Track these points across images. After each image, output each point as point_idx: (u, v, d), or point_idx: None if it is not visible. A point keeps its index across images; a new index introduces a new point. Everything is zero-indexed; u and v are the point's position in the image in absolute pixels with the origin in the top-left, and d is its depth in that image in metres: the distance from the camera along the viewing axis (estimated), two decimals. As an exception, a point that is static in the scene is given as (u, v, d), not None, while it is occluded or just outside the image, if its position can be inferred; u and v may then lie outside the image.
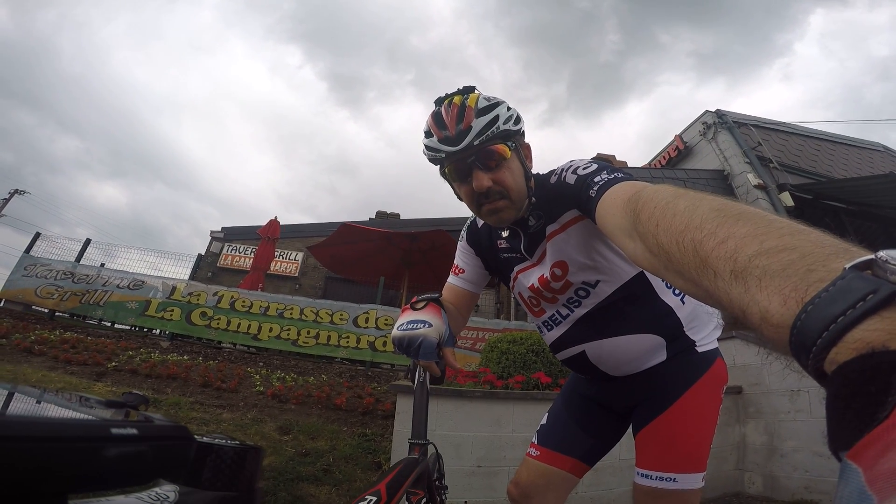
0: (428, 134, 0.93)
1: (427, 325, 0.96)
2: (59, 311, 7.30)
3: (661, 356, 1.02)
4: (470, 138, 0.88)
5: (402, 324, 0.99)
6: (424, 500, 0.91)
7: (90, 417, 0.34)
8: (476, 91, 0.94)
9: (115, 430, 0.32)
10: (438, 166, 0.98)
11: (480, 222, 1.18)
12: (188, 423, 3.59)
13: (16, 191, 19.80)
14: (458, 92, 0.93)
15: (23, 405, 0.32)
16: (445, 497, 1.42)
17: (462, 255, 1.22)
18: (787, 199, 7.25)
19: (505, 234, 1.06)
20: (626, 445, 1.10)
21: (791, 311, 0.27)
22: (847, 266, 0.26)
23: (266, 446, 3.28)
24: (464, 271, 1.21)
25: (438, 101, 0.94)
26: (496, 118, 0.89)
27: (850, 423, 0.21)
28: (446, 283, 1.23)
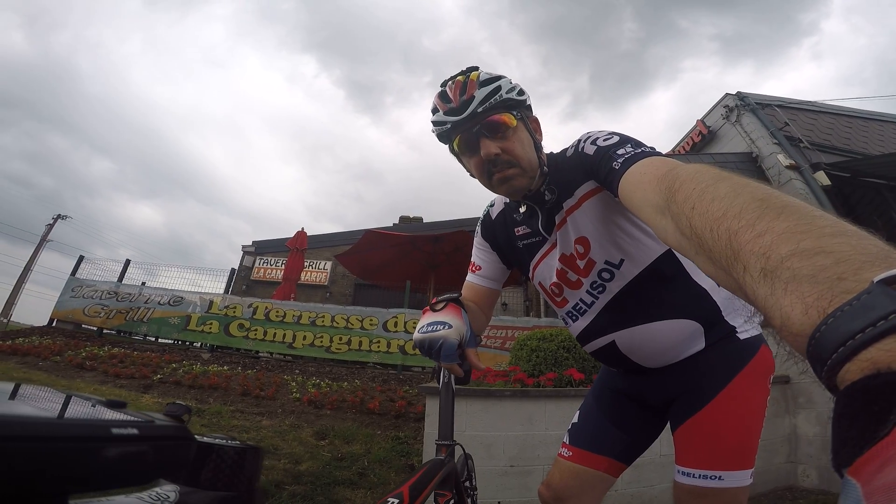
0: (434, 111, 0.96)
1: (447, 327, 0.94)
2: (107, 329, 7.73)
3: (700, 344, 0.96)
4: (473, 106, 0.89)
5: (423, 326, 0.97)
6: (452, 501, 0.89)
7: (90, 417, 0.35)
8: (479, 69, 0.95)
9: (115, 430, 0.32)
10: (448, 144, 0.98)
11: (494, 214, 1.16)
12: (230, 431, 3.71)
13: (59, 216, 20.78)
14: (461, 72, 0.95)
15: (23, 405, 0.33)
16: (476, 498, 1.40)
17: (478, 251, 1.20)
18: (822, 178, 6.89)
19: (522, 208, 1.03)
20: (666, 440, 1.04)
21: (812, 321, 0.27)
22: (875, 280, 0.25)
23: (304, 452, 3.35)
24: (481, 268, 1.18)
25: (443, 83, 0.96)
26: (498, 88, 0.91)
27: (852, 440, 0.21)
28: (465, 282, 1.20)
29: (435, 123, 0.96)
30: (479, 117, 0.90)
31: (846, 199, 7.18)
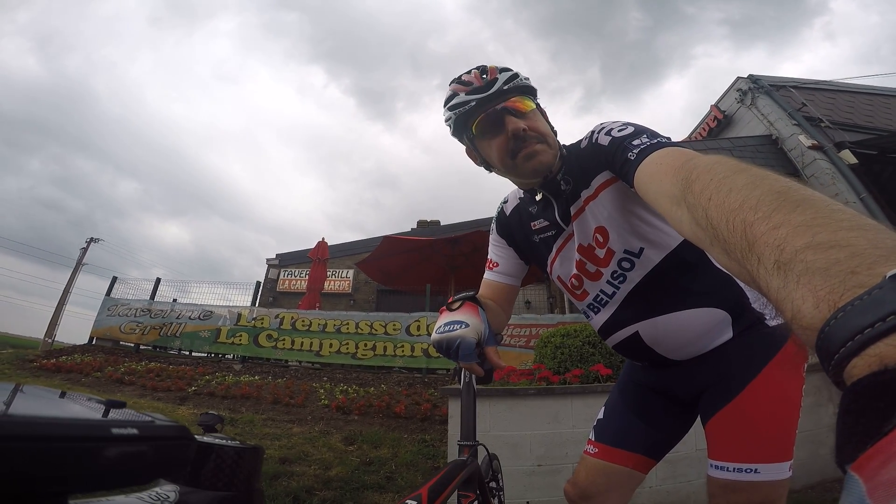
0: (451, 98, 0.96)
1: (464, 326, 0.93)
2: (143, 345, 8.05)
3: (727, 334, 0.93)
4: (499, 84, 0.91)
5: (440, 326, 0.96)
6: (476, 502, 0.88)
7: (90, 417, 0.35)
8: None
9: (115, 430, 0.33)
10: (465, 133, 0.98)
11: (509, 210, 1.14)
12: (262, 439, 3.79)
13: (92, 239, 21.22)
14: (474, 67, 0.97)
15: (23, 405, 0.34)
16: (502, 498, 1.38)
17: (494, 248, 1.19)
18: (848, 156, 6.62)
19: (538, 196, 1.01)
20: (702, 433, 1.01)
21: (822, 314, 0.26)
22: (888, 275, 0.24)
23: (333, 457, 3.39)
24: (498, 264, 1.17)
25: (453, 81, 0.98)
26: (516, 74, 0.94)
27: (856, 436, 0.21)
28: (483, 280, 1.19)
29: (454, 107, 0.95)
30: (504, 95, 0.91)
31: (876, 176, 6.86)
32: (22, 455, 0.29)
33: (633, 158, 0.72)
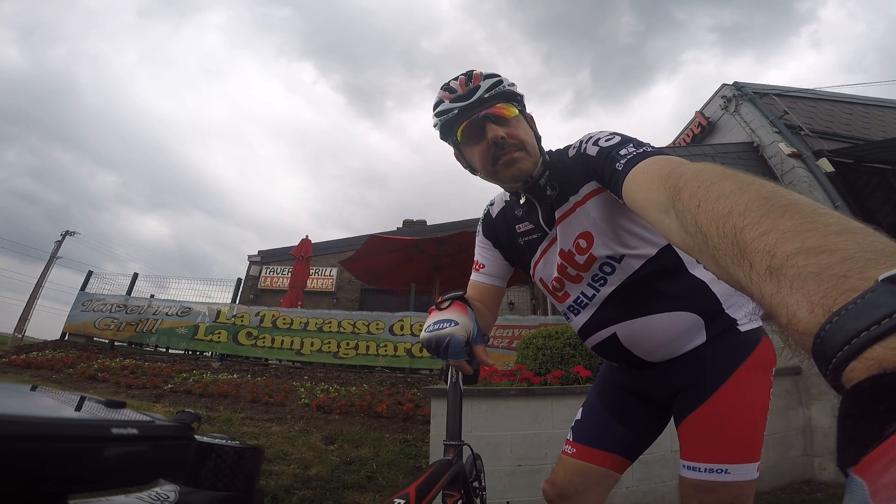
0: (438, 104, 1.00)
1: (453, 324, 0.94)
2: (118, 341, 7.81)
3: (701, 338, 0.97)
4: (480, 92, 0.94)
5: (429, 325, 0.98)
6: (460, 501, 0.89)
7: (90, 417, 0.36)
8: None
9: (115, 430, 0.33)
10: (450, 138, 1.01)
11: (495, 213, 1.17)
12: (240, 438, 3.72)
13: (67, 232, 20.62)
14: (462, 73, 1.01)
15: (23, 405, 0.34)
16: (485, 498, 1.40)
17: (480, 249, 1.21)
18: (825, 165, 6.82)
19: (522, 200, 1.04)
20: (676, 435, 1.04)
21: (817, 319, 0.27)
22: (880, 278, 0.25)
23: (313, 457, 3.36)
24: (484, 266, 1.19)
25: (443, 87, 1.01)
26: (500, 80, 0.97)
27: (858, 439, 0.21)
28: (469, 281, 1.21)
29: (440, 114, 0.99)
30: (486, 103, 0.94)
31: (851, 185, 7.09)
32: (22, 455, 0.29)
33: (620, 169, 0.73)
